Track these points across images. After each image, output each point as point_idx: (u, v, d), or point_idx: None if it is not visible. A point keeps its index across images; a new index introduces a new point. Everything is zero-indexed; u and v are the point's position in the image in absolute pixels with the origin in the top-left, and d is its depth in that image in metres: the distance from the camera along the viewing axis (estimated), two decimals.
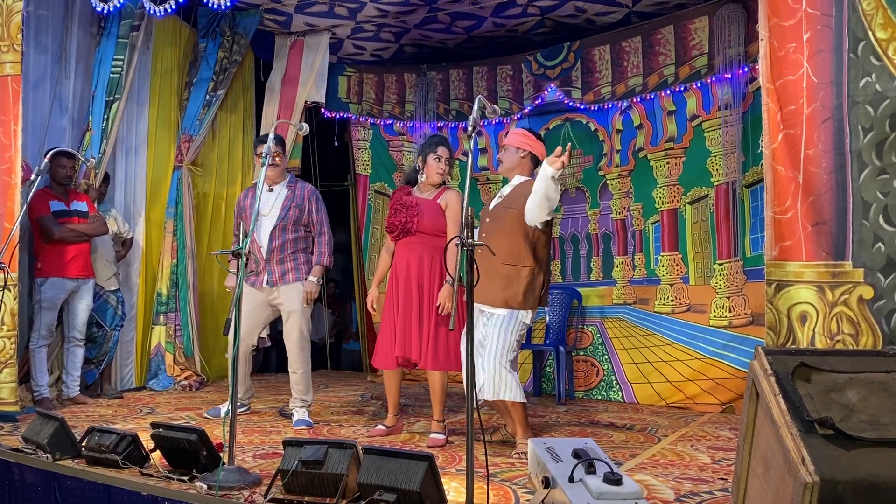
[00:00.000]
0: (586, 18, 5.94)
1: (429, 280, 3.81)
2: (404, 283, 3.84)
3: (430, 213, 3.85)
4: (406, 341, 3.79)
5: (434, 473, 2.52)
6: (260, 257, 4.27)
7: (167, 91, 6.01)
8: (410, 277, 3.83)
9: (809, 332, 2.65)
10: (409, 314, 3.81)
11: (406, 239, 3.88)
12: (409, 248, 3.87)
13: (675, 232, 5.55)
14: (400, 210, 3.88)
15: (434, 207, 3.87)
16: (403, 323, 3.81)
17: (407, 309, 3.82)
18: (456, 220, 3.80)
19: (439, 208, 3.87)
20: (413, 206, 3.86)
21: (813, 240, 2.66)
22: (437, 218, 3.85)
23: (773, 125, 2.81)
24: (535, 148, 3.71)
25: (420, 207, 3.86)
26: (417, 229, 3.84)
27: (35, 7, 4.98)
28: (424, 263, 3.82)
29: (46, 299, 4.73)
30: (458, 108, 6.70)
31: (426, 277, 3.82)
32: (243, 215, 4.38)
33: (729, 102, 5.22)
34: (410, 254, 3.86)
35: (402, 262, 3.88)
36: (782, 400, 1.90)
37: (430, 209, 3.86)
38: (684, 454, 3.59)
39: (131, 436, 3.08)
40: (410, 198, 3.91)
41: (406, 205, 3.87)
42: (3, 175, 4.28)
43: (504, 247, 3.46)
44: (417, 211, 3.85)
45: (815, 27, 2.69)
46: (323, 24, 6.23)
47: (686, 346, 5.35)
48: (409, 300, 3.82)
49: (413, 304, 3.81)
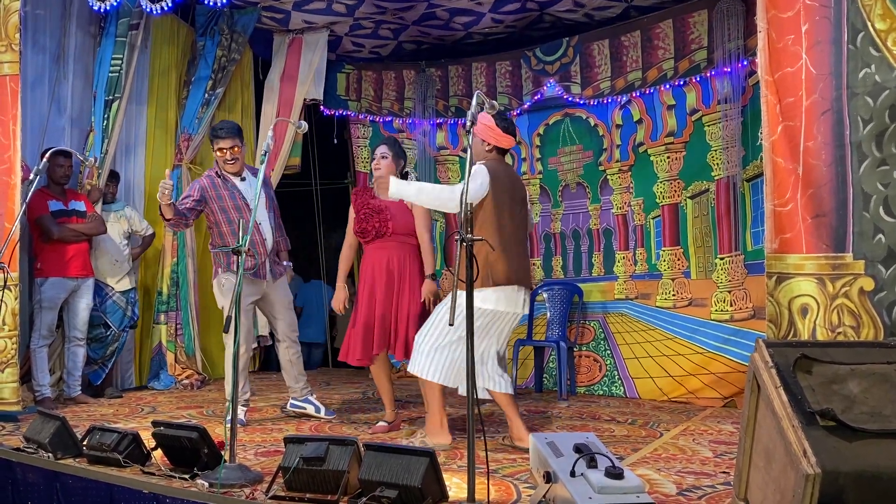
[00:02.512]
0: (585, 13, 5.93)
1: (399, 277, 3.88)
2: (383, 282, 3.88)
3: (401, 214, 3.93)
4: (385, 336, 3.86)
5: (435, 469, 2.52)
6: (262, 251, 4.21)
7: (166, 90, 6.00)
8: (388, 275, 3.88)
9: (810, 325, 2.64)
10: (389, 310, 3.86)
11: (378, 242, 3.93)
12: (381, 250, 3.93)
13: (676, 226, 5.54)
14: (371, 215, 3.93)
15: (402, 208, 3.94)
16: (383, 319, 3.86)
17: (387, 305, 3.87)
18: (423, 218, 3.93)
19: (406, 208, 3.94)
20: (384, 210, 3.92)
21: (813, 232, 2.65)
22: (407, 219, 3.93)
23: (772, 117, 2.80)
24: (501, 142, 3.60)
25: (391, 210, 3.92)
26: (393, 231, 3.90)
27: (32, 7, 4.98)
28: (399, 262, 3.89)
29: (47, 299, 4.73)
30: (457, 104, 6.69)
31: (405, 274, 3.88)
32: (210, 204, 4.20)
33: (729, 96, 5.20)
34: (383, 255, 3.91)
35: (376, 263, 3.92)
36: (783, 392, 1.90)
37: (399, 211, 3.93)
38: (686, 448, 3.58)
39: (132, 434, 3.08)
40: (377, 201, 3.94)
41: (375, 209, 3.93)
42: (2, 175, 4.28)
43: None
44: (390, 214, 3.91)
45: (814, 18, 2.68)
46: (321, 22, 6.22)
47: (688, 340, 5.34)
48: (388, 297, 3.87)
49: (393, 300, 3.86)
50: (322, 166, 7.18)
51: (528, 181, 6.34)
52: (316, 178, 7.12)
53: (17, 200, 4.20)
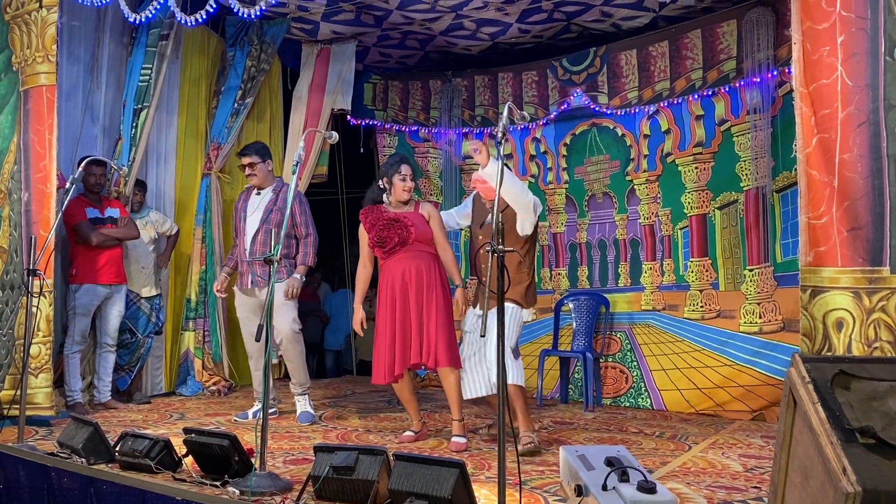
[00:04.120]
0: (612, 23, 5.92)
1: (427, 285, 3.86)
2: (401, 295, 3.87)
3: (419, 224, 3.95)
4: (405, 352, 3.85)
5: (465, 480, 2.51)
6: (242, 258, 4.53)
7: (196, 99, 6.09)
8: (407, 287, 3.87)
9: (846, 339, 2.61)
10: (406, 323, 3.86)
11: (398, 254, 3.92)
12: (401, 261, 3.91)
13: (704, 237, 5.51)
14: (391, 224, 3.92)
15: (420, 218, 3.97)
16: (402, 334, 3.85)
17: (405, 317, 3.86)
18: (443, 230, 4.02)
19: (423, 218, 3.98)
20: (403, 219, 3.93)
21: (849, 245, 2.62)
22: (425, 228, 3.96)
23: (806, 129, 2.78)
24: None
25: (410, 219, 3.93)
26: (415, 239, 3.91)
27: (68, 18, 5.08)
28: (421, 271, 3.88)
29: (80, 305, 4.80)
30: (483, 114, 6.71)
31: (424, 283, 3.87)
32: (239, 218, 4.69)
33: (758, 106, 5.17)
34: (404, 266, 3.89)
35: (396, 276, 3.90)
36: (821, 408, 1.87)
37: (418, 220, 3.96)
38: (716, 462, 3.55)
39: (164, 441, 3.12)
40: (391, 213, 3.97)
41: (394, 219, 3.93)
42: (38, 183, 4.36)
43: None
44: (410, 222, 3.92)
45: (850, 30, 2.66)
46: (349, 32, 6.28)
47: (716, 352, 5.29)
48: (406, 309, 3.86)
49: (411, 312, 3.85)
50: (348, 175, 7.23)
51: (553, 191, 6.34)
52: (342, 187, 7.16)
53: (53, 208, 4.28)
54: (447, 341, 3.78)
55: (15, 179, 4.46)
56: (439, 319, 3.82)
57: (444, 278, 3.95)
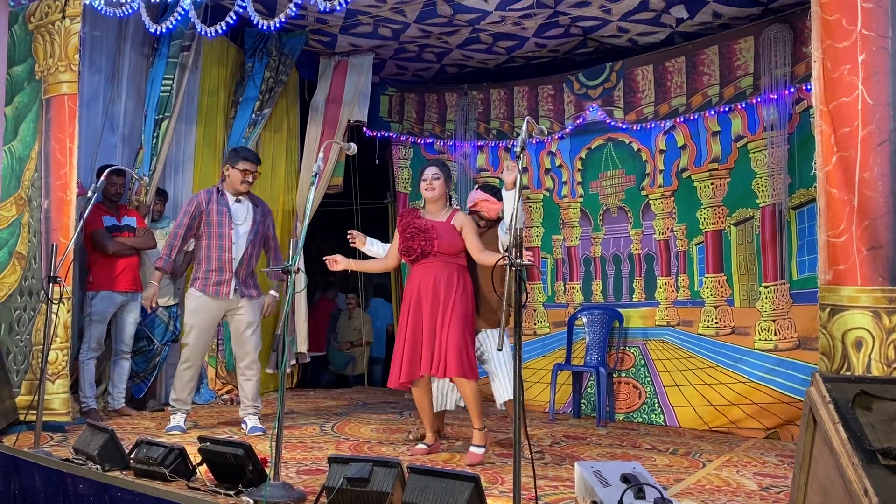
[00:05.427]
0: (629, 39, 5.94)
1: (444, 298, 3.87)
2: (416, 305, 3.90)
3: (447, 234, 3.94)
4: (414, 361, 3.86)
5: (480, 495, 2.50)
6: (227, 268, 4.44)
7: (214, 109, 6.13)
8: (427, 296, 3.88)
9: (865, 359, 2.59)
10: (418, 333, 3.87)
11: (423, 262, 3.95)
12: (425, 269, 3.94)
13: (719, 253, 5.48)
14: (417, 234, 3.95)
15: (448, 229, 3.96)
16: (413, 343, 3.87)
17: (416, 327, 3.88)
18: (477, 240, 3.96)
19: (453, 229, 3.96)
20: (430, 229, 3.94)
21: (868, 264, 2.61)
22: (453, 239, 3.95)
23: (826, 148, 2.77)
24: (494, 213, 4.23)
25: (437, 230, 3.94)
26: (438, 251, 3.91)
27: (91, 28, 5.15)
28: (442, 281, 3.89)
29: (97, 312, 4.84)
30: (498, 127, 6.73)
31: (442, 296, 3.87)
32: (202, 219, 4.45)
33: (775, 123, 5.15)
34: (427, 275, 3.92)
35: (418, 284, 3.93)
36: (843, 429, 1.86)
37: (445, 231, 3.95)
38: (730, 480, 3.52)
39: (178, 449, 3.13)
40: (422, 220, 3.99)
41: (422, 228, 3.95)
42: (58, 191, 4.41)
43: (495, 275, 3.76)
44: (436, 234, 3.93)
45: (871, 49, 2.66)
46: (366, 45, 6.32)
47: (730, 369, 5.26)
48: (419, 319, 3.88)
49: (424, 323, 3.86)
50: (363, 186, 7.27)
51: (568, 204, 6.34)
52: (357, 198, 7.19)
53: (72, 216, 4.32)
54: (458, 351, 3.76)
55: (35, 187, 4.52)
56: (453, 331, 3.81)
57: (468, 290, 3.93)
